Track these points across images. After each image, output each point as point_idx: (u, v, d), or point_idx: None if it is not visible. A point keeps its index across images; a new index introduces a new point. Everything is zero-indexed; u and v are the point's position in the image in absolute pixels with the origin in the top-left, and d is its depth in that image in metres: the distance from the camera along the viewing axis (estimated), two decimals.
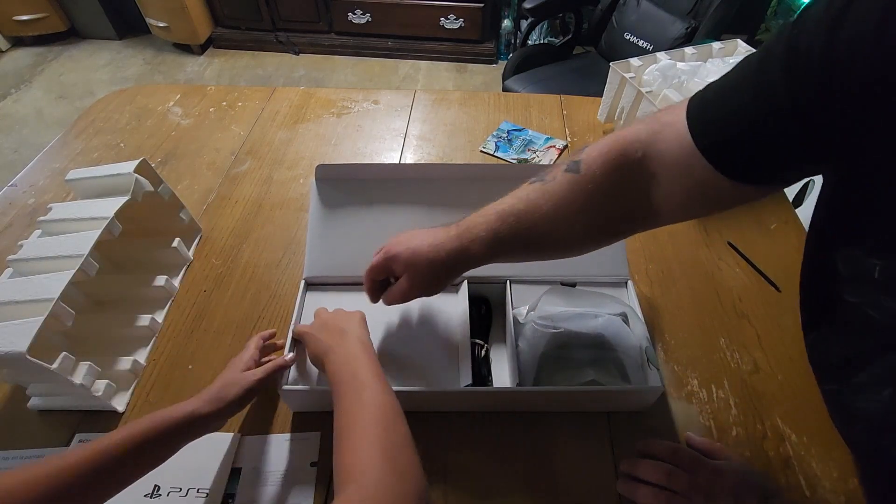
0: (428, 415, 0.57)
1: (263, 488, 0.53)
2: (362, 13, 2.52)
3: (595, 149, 0.44)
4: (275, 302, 0.71)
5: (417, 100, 1.07)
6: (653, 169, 0.40)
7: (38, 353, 0.48)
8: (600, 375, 0.56)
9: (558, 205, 0.44)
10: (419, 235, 0.51)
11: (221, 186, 0.88)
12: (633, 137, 0.42)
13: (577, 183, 0.43)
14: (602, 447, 0.57)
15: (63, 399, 0.59)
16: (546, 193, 0.45)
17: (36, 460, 0.40)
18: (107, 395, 0.58)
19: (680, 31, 1.47)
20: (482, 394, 0.57)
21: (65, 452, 0.41)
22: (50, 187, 0.88)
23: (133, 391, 0.61)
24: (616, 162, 0.42)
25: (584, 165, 0.43)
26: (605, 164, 0.42)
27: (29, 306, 0.52)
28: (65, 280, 0.53)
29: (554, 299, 0.59)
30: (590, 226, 0.45)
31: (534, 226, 0.45)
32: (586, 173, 0.43)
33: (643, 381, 0.56)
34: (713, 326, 0.68)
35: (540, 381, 0.57)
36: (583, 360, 0.58)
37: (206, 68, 2.65)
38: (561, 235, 0.46)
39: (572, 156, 0.46)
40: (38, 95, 2.46)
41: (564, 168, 0.45)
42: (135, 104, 1.06)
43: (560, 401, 0.58)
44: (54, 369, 0.51)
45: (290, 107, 1.05)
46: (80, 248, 0.57)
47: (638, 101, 0.86)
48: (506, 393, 0.57)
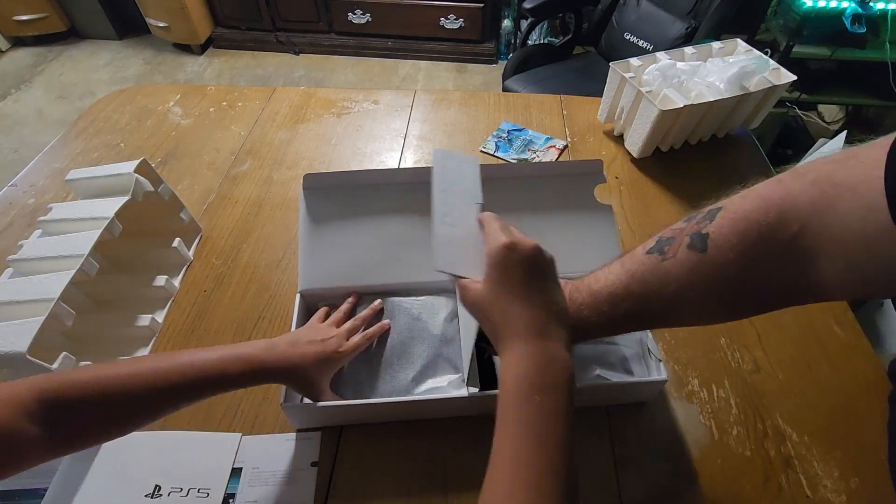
0: (429, 419, 0.57)
1: (264, 488, 0.53)
2: (362, 13, 2.52)
3: (729, 220, 0.34)
4: (275, 302, 0.71)
5: (417, 100, 1.07)
6: (816, 245, 0.31)
7: (38, 353, 0.48)
8: (605, 370, 0.56)
9: (678, 290, 0.37)
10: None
11: (221, 186, 0.88)
12: (787, 205, 0.32)
13: (703, 265, 0.35)
14: (602, 442, 0.57)
15: None
16: (665, 275, 0.37)
17: (106, 363, 0.43)
18: None
19: (680, 31, 1.47)
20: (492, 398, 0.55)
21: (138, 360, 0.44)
22: (50, 187, 0.88)
23: None
24: (759, 239, 0.32)
25: (712, 244, 0.34)
26: (743, 244, 0.33)
27: (29, 306, 0.52)
28: (65, 280, 0.53)
29: None
30: (719, 310, 0.38)
31: (650, 310, 0.39)
32: (716, 254, 0.34)
33: (645, 374, 0.57)
34: (713, 326, 0.67)
35: None
36: (586, 355, 0.57)
37: (206, 68, 2.65)
38: (682, 319, 0.40)
39: (699, 221, 0.37)
40: (38, 95, 2.46)
41: (688, 242, 0.36)
42: (135, 104, 1.06)
43: None
44: (55, 370, 0.51)
45: (290, 107, 1.05)
46: (81, 248, 0.57)
47: (638, 100, 0.86)
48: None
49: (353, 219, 0.64)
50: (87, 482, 0.52)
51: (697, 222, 0.37)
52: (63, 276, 0.54)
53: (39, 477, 0.53)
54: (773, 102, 0.92)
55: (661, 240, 0.39)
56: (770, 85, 0.86)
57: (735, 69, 0.85)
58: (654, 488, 0.54)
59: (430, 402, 0.55)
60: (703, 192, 0.44)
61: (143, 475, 0.53)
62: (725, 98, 0.84)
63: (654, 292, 0.38)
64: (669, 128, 0.86)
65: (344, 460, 0.55)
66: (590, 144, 0.96)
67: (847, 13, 1.79)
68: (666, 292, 0.37)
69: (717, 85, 0.85)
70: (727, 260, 0.34)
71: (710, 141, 0.95)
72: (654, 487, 0.54)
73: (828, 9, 1.79)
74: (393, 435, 0.57)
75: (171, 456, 0.55)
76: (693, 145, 0.94)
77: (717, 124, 0.92)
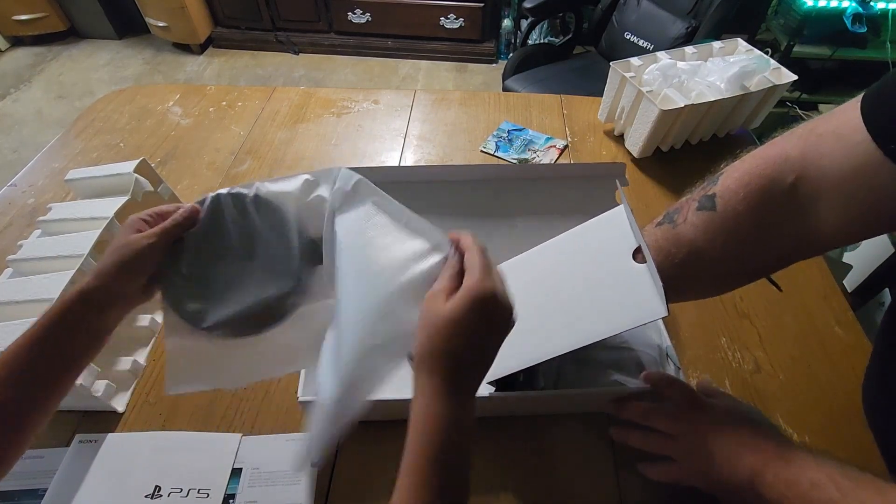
0: None
1: (264, 489, 0.53)
2: (362, 13, 2.52)
3: (731, 178, 0.37)
4: None
5: (417, 100, 1.07)
6: (813, 191, 0.34)
7: None
8: (622, 375, 0.56)
9: (693, 251, 0.38)
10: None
11: (221, 186, 0.87)
12: (780, 157, 0.35)
13: (713, 223, 0.37)
14: (603, 446, 0.56)
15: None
16: (678, 239, 0.39)
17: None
18: (106, 395, 0.58)
19: (680, 30, 1.47)
20: (512, 399, 0.54)
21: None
22: (49, 187, 0.88)
23: (133, 391, 0.61)
24: (762, 190, 0.35)
25: (720, 200, 0.37)
26: (749, 196, 0.36)
27: (28, 306, 0.51)
28: (64, 280, 0.53)
29: None
30: (733, 269, 0.39)
31: (667, 277, 0.39)
32: (725, 209, 0.37)
33: None
34: (714, 326, 0.67)
35: (562, 382, 0.56)
36: (605, 360, 0.57)
37: (205, 68, 2.65)
38: (699, 284, 0.41)
39: (703, 189, 0.39)
40: (37, 95, 2.46)
41: (696, 206, 0.38)
42: (134, 104, 1.06)
43: (582, 402, 0.57)
44: None
45: (290, 107, 1.05)
46: (80, 249, 0.57)
47: (638, 100, 0.86)
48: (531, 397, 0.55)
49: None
50: (87, 482, 0.52)
51: (702, 189, 0.39)
52: (62, 276, 0.54)
53: (39, 477, 0.53)
54: (774, 102, 0.91)
55: (669, 212, 0.40)
56: (771, 85, 0.86)
57: (736, 69, 0.85)
58: (654, 490, 0.53)
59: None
60: None
61: (142, 475, 0.53)
62: (726, 98, 0.84)
63: (670, 255, 0.39)
64: (670, 127, 0.86)
65: (344, 460, 0.55)
66: (590, 144, 0.96)
67: (848, 13, 1.79)
68: (680, 255, 0.38)
69: (718, 85, 0.85)
70: (736, 212, 0.36)
71: (711, 141, 0.95)
72: (655, 489, 0.54)
73: (828, 8, 1.79)
74: (393, 434, 0.57)
75: (171, 456, 0.55)
76: (693, 145, 0.94)
77: (718, 124, 0.92)
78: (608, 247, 0.47)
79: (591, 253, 0.50)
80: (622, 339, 0.58)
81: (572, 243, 0.53)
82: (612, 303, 0.44)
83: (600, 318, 0.44)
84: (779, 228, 0.36)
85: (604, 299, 0.45)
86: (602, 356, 0.57)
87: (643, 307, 0.40)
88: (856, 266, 1.14)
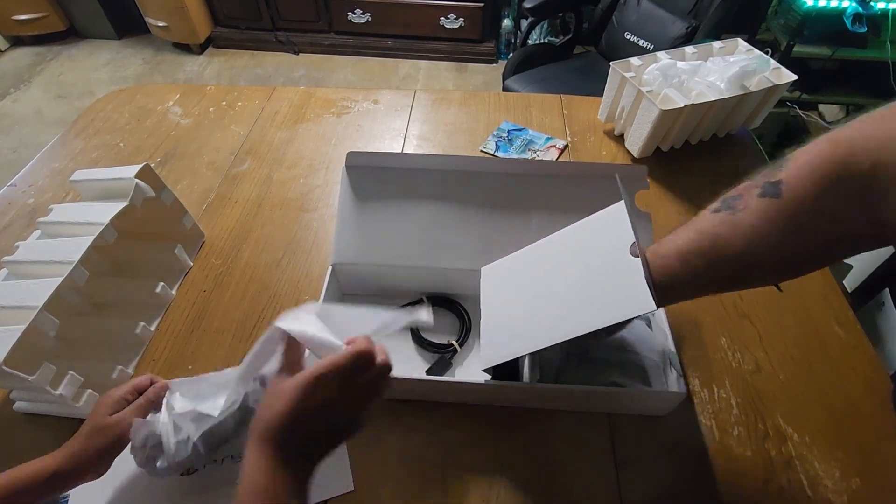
0: (426, 410, 0.57)
1: None
2: (362, 13, 2.52)
3: (800, 163, 0.35)
4: (275, 302, 0.70)
5: (417, 99, 1.07)
6: (892, 178, 0.31)
7: (22, 359, 0.47)
8: (622, 378, 0.56)
9: (755, 240, 0.36)
10: None
11: (221, 186, 0.88)
12: (857, 141, 0.33)
13: (777, 211, 0.35)
14: (603, 446, 0.56)
15: (48, 405, 0.58)
16: (737, 227, 0.36)
17: None
18: (88, 406, 0.55)
19: (680, 30, 1.47)
20: (510, 388, 0.55)
21: None
22: (49, 187, 0.88)
23: None
24: (833, 177, 0.33)
25: (786, 187, 0.35)
26: (818, 183, 0.33)
27: (13, 313, 0.50)
28: (51, 289, 0.52)
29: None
30: (796, 259, 0.37)
31: (725, 266, 0.38)
32: (790, 197, 0.34)
33: (663, 386, 0.56)
34: (714, 326, 0.67)
35: (562, 378, 0.57)
36: (606, 360, 0.57)
37: (205, 68, 2.65)
38: (758, 274, 0.39)
39: (766, 174, 0.37)
40: (37, 95, 2.46)
41: (759, 192, 0.36)
42: (134, 104, 1.06)
43: (579, 400, 0.57)
44: (32, 381, 0.48)
45: (290, 106, 1.05)
46: (72, 255, 0.56)
47: (638, 100, 0.86)
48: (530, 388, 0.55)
49: (390, 200, 0.65)
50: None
51: (765, 175, 0.37)
52: (51, 283, 0.52)
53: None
54: (774, 102, 0.91)
55: (728, 198, 0.38)
56: (771, 84, 0.86)
57: (736, 69, 0.85)
58: (654, 489, 0.54)
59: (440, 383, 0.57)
60: (704, 191, 0.44)
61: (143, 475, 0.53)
62: (726, 98, 0.84)
63: (728, 244, 0.37)
64: (670, 127, 0.86)
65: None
66: (590, 144, 0.96)
67: (848, 13, 1.79)
68: (741, 243, 0.36)
69: (718, 84, 0.85)
70: (803, 199, 0.34)
71: (711, 141, 0.95)
72: (655, 488, 0.54)
73: (828, 8, 1.79)
74: (393, 433, 0.57)
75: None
76: (693, 145, 0.93)
77: (718, 124, 0.92)
78: (607, 241, 0.48)
79: (591, 247, 0.50)
80: (627, 342, 0.58)
81: (573, 237, 0.54)
82: (605, 296, 0.45)
83: (591, 311, 0.45)
84: (849, 217, 0.33)
85: (598, 292, 0.46)
86: (604, 356, 0.57)
87: (633, 301, 0.41)
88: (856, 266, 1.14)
